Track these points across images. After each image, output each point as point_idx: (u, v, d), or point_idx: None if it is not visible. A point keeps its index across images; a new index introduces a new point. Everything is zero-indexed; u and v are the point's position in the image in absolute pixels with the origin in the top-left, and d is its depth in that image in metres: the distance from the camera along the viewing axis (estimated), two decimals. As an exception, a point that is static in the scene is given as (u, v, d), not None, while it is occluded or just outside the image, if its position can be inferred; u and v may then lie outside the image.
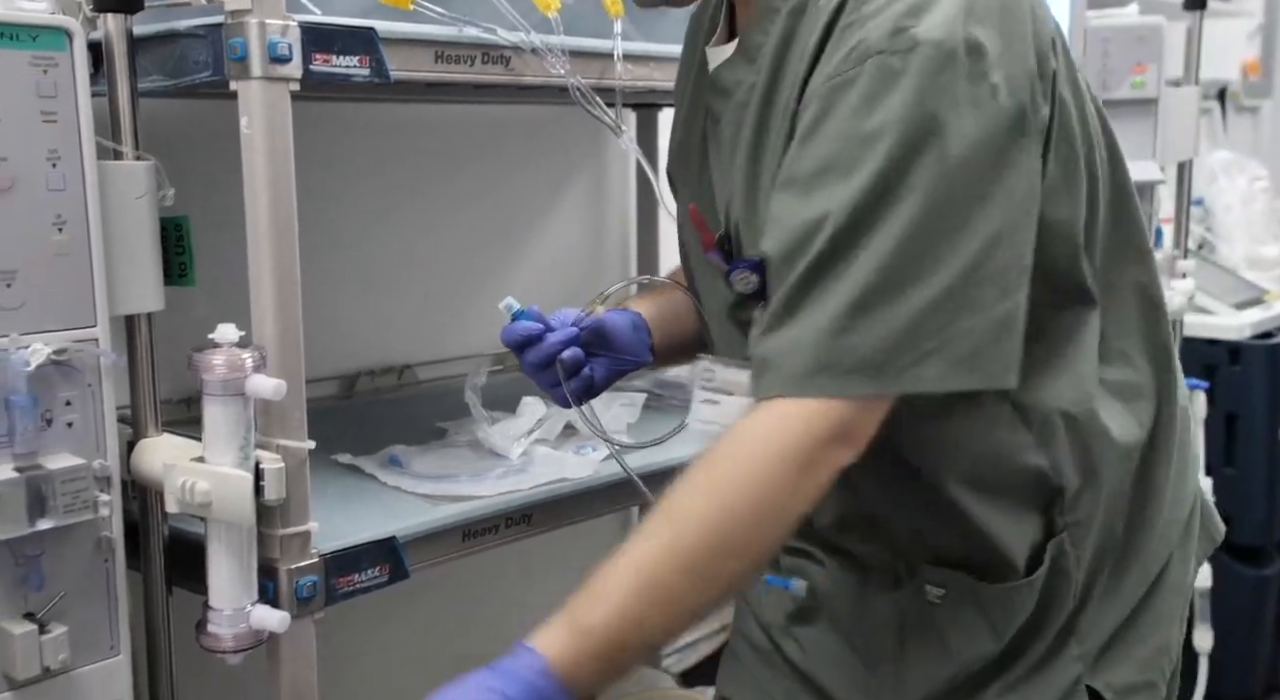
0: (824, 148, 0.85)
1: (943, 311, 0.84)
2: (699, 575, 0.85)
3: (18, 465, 0.98)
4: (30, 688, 1.02)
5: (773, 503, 0.86)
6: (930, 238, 0.83)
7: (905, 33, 0.83)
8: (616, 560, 0.86)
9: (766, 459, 0.86)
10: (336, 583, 1.15)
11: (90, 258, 1.04)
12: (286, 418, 1.09)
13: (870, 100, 0.84)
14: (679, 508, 0.87)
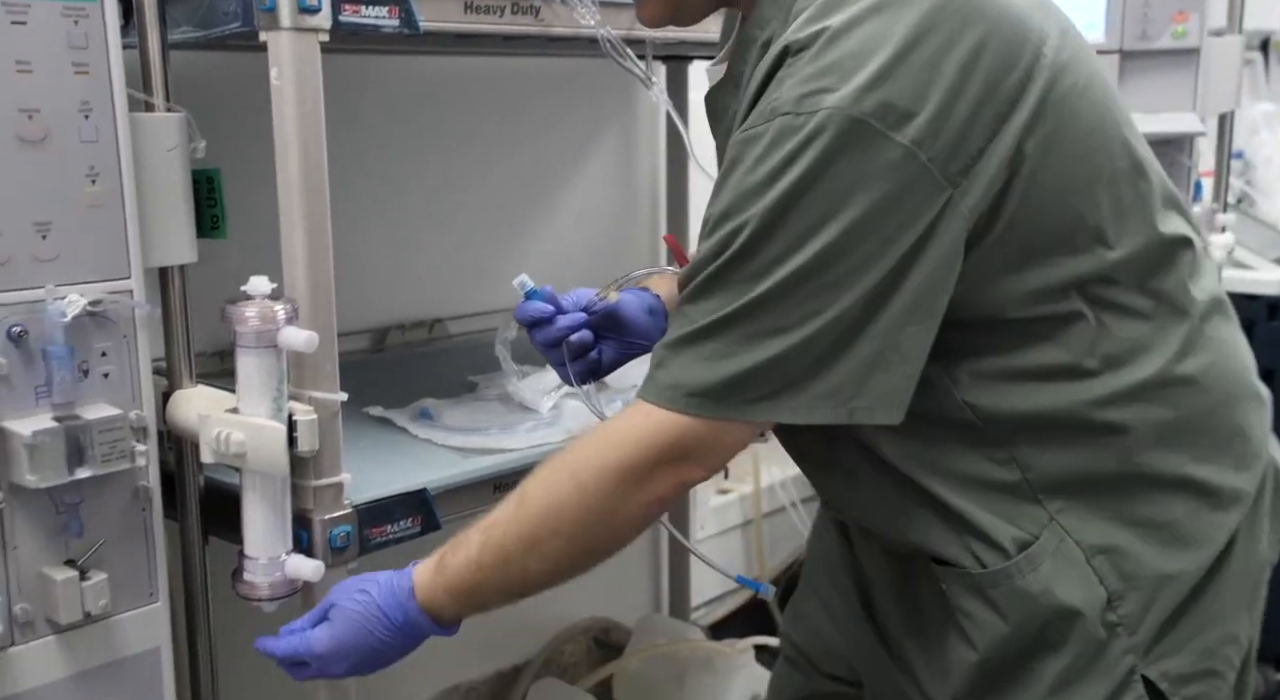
0: (726, 197, 0.89)
1: (802, 353, 0.87)
2: (530, 548, 0.96)
3: (56, 415, 1.00)
4: (73, 632, 1.04)
5: (603, 506, 0.94)
6: (806, 288, 0.86)
7: (813, 96, 0.85)
8: (485, 515, 0.99)
9: (604, 463, 0.93)
10: (369, 533, 1.16)
11: (124, 209, 1.04)
12: (319, 370, 1.10)
13: (765, 158, 0.86)
14: (534, 481, 0.97)
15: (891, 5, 0.86)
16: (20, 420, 0.98)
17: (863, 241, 0.85)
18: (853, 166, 0.84)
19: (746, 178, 0.87)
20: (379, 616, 1.00)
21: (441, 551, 1.01)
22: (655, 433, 0.91)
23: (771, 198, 0.85)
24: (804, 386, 0.88)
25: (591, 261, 2.26)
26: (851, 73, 0.84)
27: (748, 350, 0.88)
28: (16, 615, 1.01)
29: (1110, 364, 0.94)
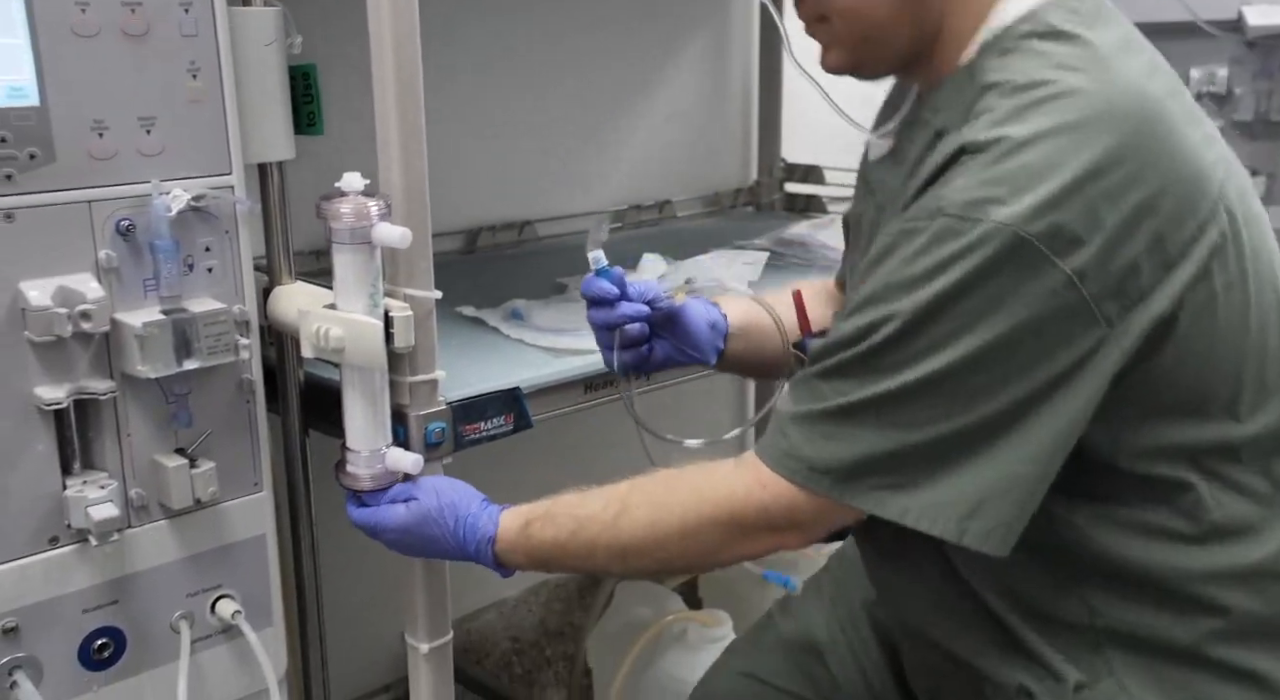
0: (877, 284, 0.89)
1: (926, 455, 0.88)
2: (619, 557, 1.01)
3: (164, 308, 1.02)
4: (183, 517, 1.09)
5: (701, 549, 0.98)
6: (941, 392, 0.86)
7: (982, 205, 0.83)
8: (584, 499, 1.03)
9: (716, 512, 0.96)
10: (463, 430, 1.18)
11: (223, 104, 1.05)
12: (414, 267, 1.11)
13: (922, 255, 0.85)
14: (638, 499, 1.00)
15: (1079, 128, 0.84)
16: (131, 312, 1.01)
17: (1006, 359, 0.85)
18: (1010, 283, 0.83)
19: (901, 270, 0.87)
20: (452, 541, 1.07)
21: (530, 517, 1.05)
22: (770, 500, 0.94)
23: (923, 296, 0.85)
24: (922, 490, 0.88)
25: (681, 165, 2.23)
26: (1025, 189, 0.82)
27: (875, 439, 0.89)
28: (132, 499, 1.05)
29: (1214, 538, 0.92)
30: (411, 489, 1.10)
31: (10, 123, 0.93)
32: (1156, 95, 0.88)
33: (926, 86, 1.00)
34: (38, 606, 1.01)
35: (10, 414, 0.97)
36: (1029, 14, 0.92)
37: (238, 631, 1.13)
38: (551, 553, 1.03)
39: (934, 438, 0.87)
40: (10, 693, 1.00)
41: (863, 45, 0.99)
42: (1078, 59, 0.88)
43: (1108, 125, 0.84)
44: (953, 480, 0.87)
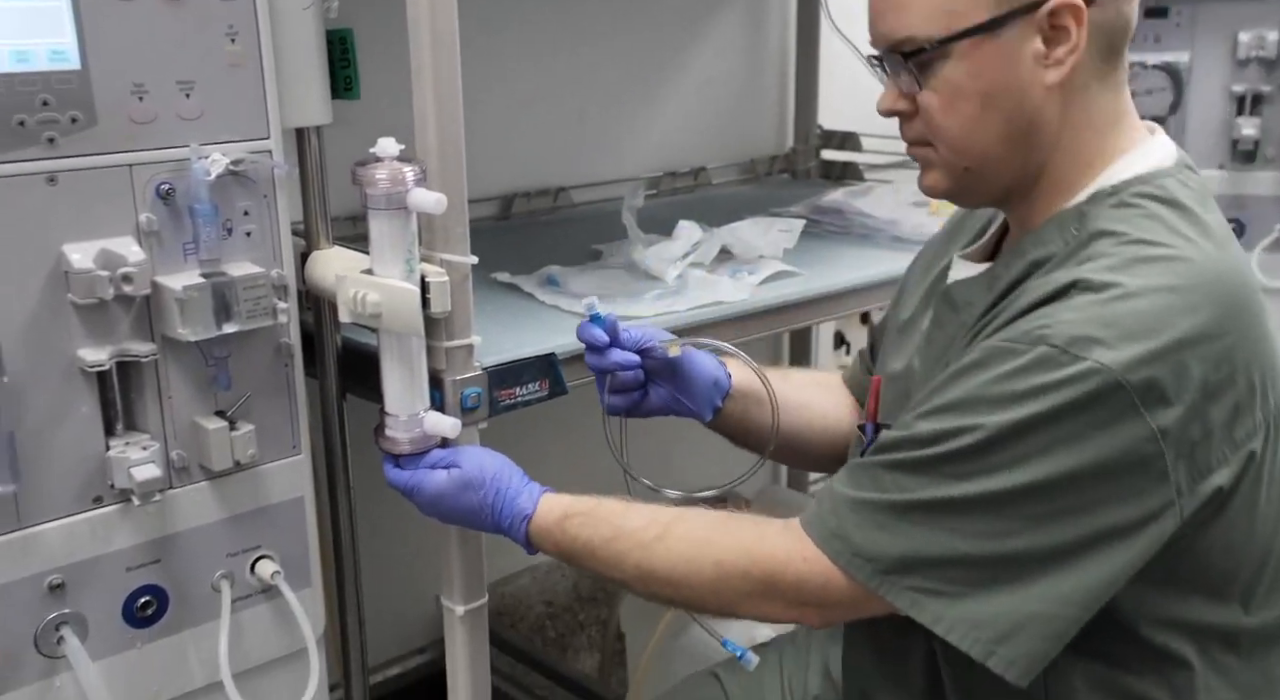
0: (961, 392, 0.90)
1: (971, 568, 0.88)
2: (644, 579, 1.02)
3: (203, 271, 1.03)
4: (223, 479, 1.10)
5: (726, 597, 0.99)
6: (1002, 511, 0.87)
7: (1087, 343, 0.85)
8: (628, 511, 1.04)
9: (753, 568, 0.97)
10: (499, 395, 1.19)
11: (262, 68, 1.05)
12: (450, 233, 1.11)
13: (1016, 377, 0.86)
14: (681, 531, 1.01)
15: (1188, 293, 0.87)
16: (171, 276, 1.02)
17: (1077, 494, 0.86)
18: (1099, 423, 0.84)
19: (992, 386, 0.88)
20: (488, 512, 1.08)
21: (571, 511, 1.06)
22: (808, 573, 0.94)
23: (1010, 417, 0.86)
24: (961, 603, 0.88)
25: (717, 131, 2.22)
26: (1131, 338, 0.84)
27: (926, 541, 0.89)
28: (173, 460, 1.07)
29: None
30: (454, 456, 1.10)
31: (52, 86, 0.94)
32: (1253, 283, 0.92)
33: (1021, 220, 1.02)
34: (83, 564, 1.03)
35: (55, 375, 0.98)
36: (1146, 176, 0.96)
37: (277, 592, 1.14)
38: (581, 552, 1.04)
39: (987, 554, 0.88)
40: (57, 648, 1.02)
41: (965, 176, 0.99)
42: (1189, 230, 0.92)
43: (1213, 297, 0.87)
44: (995, 600, 0.88)
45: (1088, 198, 0.96)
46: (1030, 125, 0.95)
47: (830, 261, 1.63)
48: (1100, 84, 0.96)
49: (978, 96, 0.94)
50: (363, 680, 1.36)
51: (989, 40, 0.93)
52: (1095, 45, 0.94)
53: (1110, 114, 0.98)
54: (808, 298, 1.49)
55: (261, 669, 1.16)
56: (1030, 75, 0.94)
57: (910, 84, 0.97)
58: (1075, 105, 0.96)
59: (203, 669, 1.12)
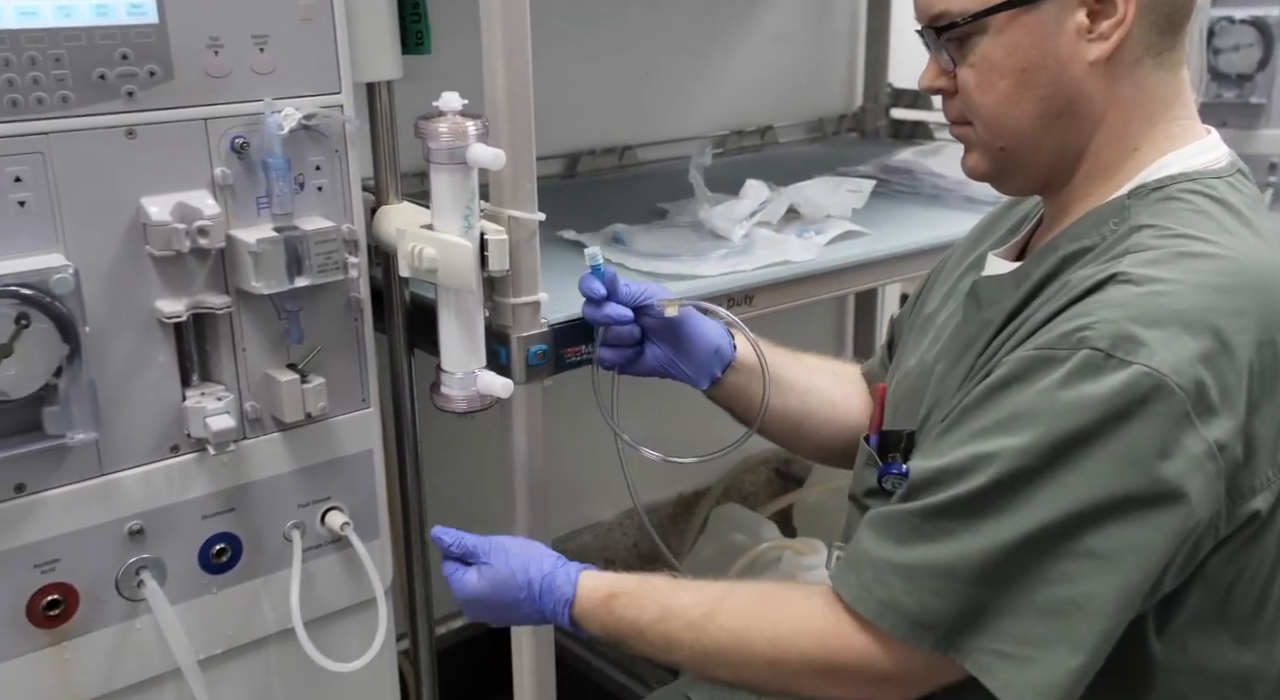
0: (998, 411, 0.83)
1: (1039, 626, 0.81)
2: (700, 661, 0.95)
3: (276, 225, 1.04)
4: (295, 431, 1.12)
5: (787, 679, 0.91)
6: (1056, 554, 0.81)
7: (1132, 344, 0.79)
8: (675, 589, 0.98)
9: (810, 647, 0.90)
10: (564, 352, 1.19)
11: (334, 23, 1.05)
12: (518, 189, 1.11)
13: (1062, 387, 0.80)
14: (733, 606, 0.95)
15: (1234, 295, 0.82)
16: (245, 229, 1.03)
17: (1134, 518, 0.79)
18: (1151, 437, 0.78)
19: (1033, 401, 0.81)
20: (529, 606, 1.01)
21: (615, 591, 0.99)
22: (867, 651, 0.87)
23: (1055, 433, 0.80)
24: (1028, 667, 0.81)
25: (785, 89, 2.19)
26: (1176, 338, 0.79)
27: (984, 595, 0.82)
28: (247, 412, 1.09)
29: None
30: (477, 551, 1.04)
31: (131, 40, 0.95)
32: None
33: (1060, 209, 0.97)
34: (161, 511, 1.05)
35: (134, 326, 1.01)
36: (1195, 173, 0.90)
37: (346, 542, 1.16)
38: (629, 633, 0.98)
39: (1053, 602, 0.81)
40: (137, 591, 1.05)
41: (1001, 156, 0.95)
42: (1238, 229, 0.87)
43: (1261, 302, 0.82)
44: (1062, 661, 0.81)
45: (1130, 191, 0.91)
46: (1069, 103, 0.91)
47: (899, 222, 1.61)
48: (1154, 62, 0.91)
49: (1014, 73, 0.90)
50: (428, 631, 1.39)
51: (1027, 14, 0.89)
52: (1149, 19, 0.89)
53: (1163, 97, 0.92)
54: (875, 258, 1.47)
55: (330, 617, 1.19)
56: (1071, 50, 0.89)
57: (948, 61, 0.94)
58: (1123, 83, 0.90)
59: (275, 615, 1.14)
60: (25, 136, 0.92)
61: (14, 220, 0.93)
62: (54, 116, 0.93)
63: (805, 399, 1.21)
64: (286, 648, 1.15)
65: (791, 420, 1.21)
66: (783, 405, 1.20)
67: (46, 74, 0.92)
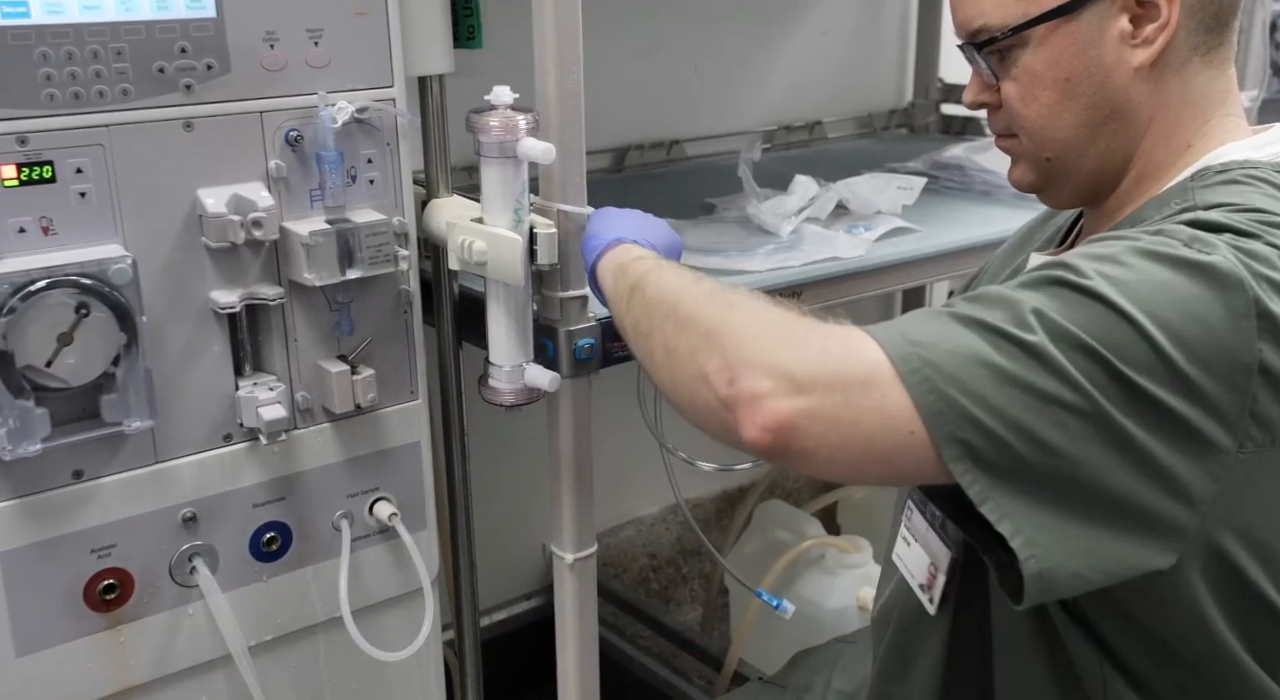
0: (1061, 258, 0.78)
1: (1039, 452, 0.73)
2: (660, 286, 0.89)
3: (329, 218, 1.05)
4: (344, 421, 1.13)
5: (720, 328, 0.80)
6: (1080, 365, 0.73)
7: (1210, 244, 0.75)
8: (680, 275, 0.91)
9: (769, 336, 0.78)
10: (612, 346, 1.19)
11: (387, 17, 1.06)
12: (568, 183, 1.11)
13: (1132, 241, 0.76)
14: (725, 295, 0.85)
15: None
16: (298, 221, 1.04)
17: (1168, 368, 0.73)
18: (1213, 308, 0.74)
19: (1102, 245, 0.77)
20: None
21: (630, 258, 0.97)
22: (832, 342, 0.77)
23: (1125, 253, 0.75)
24: (1012, 480, 0.73)
25: (834, 84, 2.17)
26: (1252, 264, 0.75)
27: (1006, 391, 0.73)
28: (298, 402, 1.10)
29: None
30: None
31: (189, 34, 0.96)
32: None
33: (1110, 214, 0.94)
34: (214, 499, 1.07)
35: (189, 316, 1.02)
36: (1260, 161, 0.87)
37: (394, 533, 1.17)
38: (638, 271, 0.93)
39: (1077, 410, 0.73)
40: (190, 577, 1.07)
41: (1047, 167, 0.94)
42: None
43: None
44: (1054, 502, 0.74)
45: (1192, 174, 0.88)
46: (1114, 111, 0.89)
47: (949, 218, 1.59)
48: (1202, 61, 0.89)
49: (1057, 84, 0.89)
50: (473, 622, 1.39)
51: (1067, 24, 0.87)
52: (1195, 19, 0.88)
53: (1213, 93, 0.90)
54: (925, 255, 1.46)
55: (377, 607, 1.20)
56: (1115, 57, 0.88)
57: (990, 75, 0.92)
58: (1170, 85, 0.89)
59: (323, 604, 1.16)
60: (87, 129, 0.94)
61: (75, 211, 0.95)
62: (115, 109, 0.95)
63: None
64: (334, 636, 1.16)
65: None
66: None
67: (108, 67, 0.93)
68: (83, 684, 1.04)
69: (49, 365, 0.93)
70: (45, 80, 0.91)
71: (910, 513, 1.03)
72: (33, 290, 0.91)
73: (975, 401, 0.72)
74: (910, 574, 1.02)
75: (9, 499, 0.97)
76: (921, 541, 1.00)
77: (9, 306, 0.90)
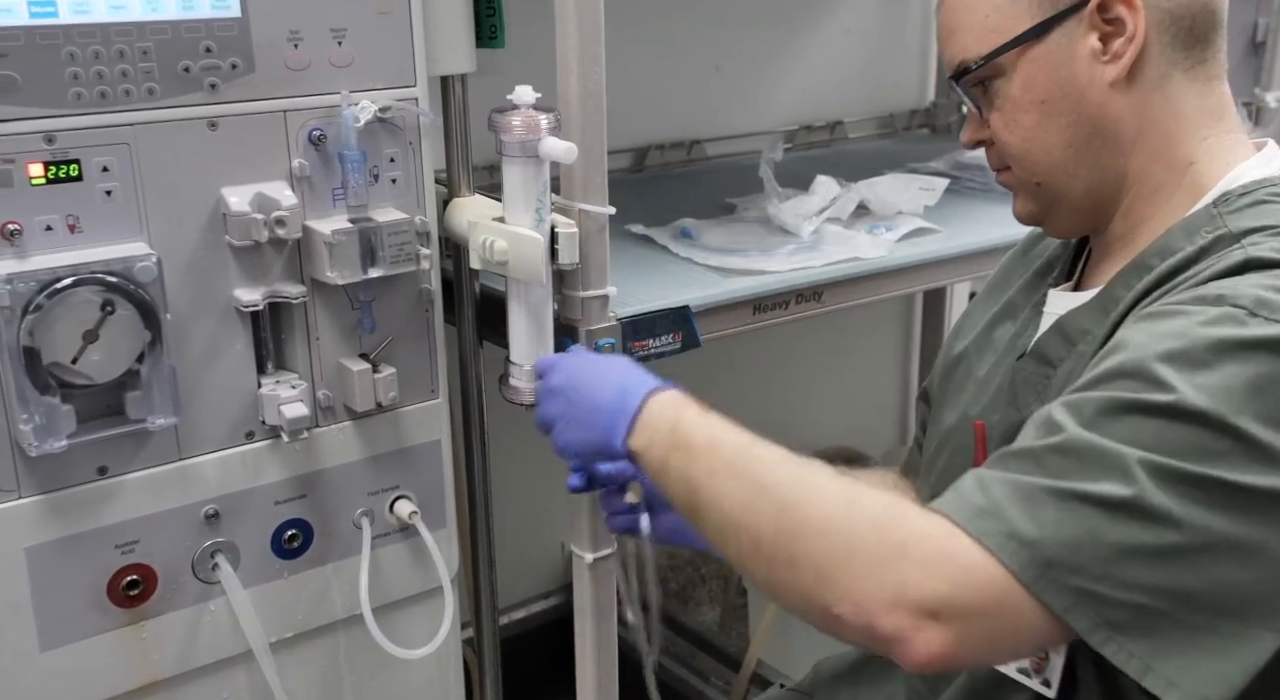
0: (1131, 353, 0.75)
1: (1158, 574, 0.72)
2: (752, 492, 0.80)
3: (351, 216, 1.06)
4: (366, 419, 1.13)
5: (839, 549, 0.75)
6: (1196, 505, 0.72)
7: (1276, 308, 0.74)
8: (749, 446, 0.84)
9: (885, 520, 0.75)
10: (632, 346, 1.19)
11: (410, 17, 1.06)
12: (589, 182, 1.11)
13: (1202, 328, 0.74)
14: (821, 467, 0.81)
15: None
16: (321, 220, 1.05)
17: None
18: None
19: (1171, 341, 0.74)
20: (612, 382, 0.93)
21: (685, 416, 0.89)
22: (950, 547, 0.73)
23: (1204, 379, 0.72)
24: (1156, 634, 0.72)
25: (855, 84, 2.17)
26: None
27: (1103, 531, 0.71)
28: (320, 400, 1.10)
29: None
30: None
31: (214, 33, 0.97)
32: None
33: (1122, 238, 0.93)
34: (236, 496, 1.08)
35: (213, 314, 1.03)
36: (1275, 179, 0.87)
37: (414, 531, 1.18)
38: (696, 441, 0.86)
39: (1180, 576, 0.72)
40: (212, 573, 1.07)
41: (1040, 191, 0.94)
42: None
43: None
44: (1200, 637, 0.72)
45: (1213, 201, 0.87)
46: (1096, 127, 0.89)
47: (971, 219, 1.58)
48: (1185, 76, 0.89)
49: (1035, 106, 0.90)
50: (492, 621, 1.40)
51: (1036, 47, 0.89)
52: (1168, 33, 0.88)
53: (1205, 108, 0.90)
54: (947, 256, 1.45)
55: (397, 605, 1.20)
56: (1088, 75, 0.88)
57: (976, 110, 0.94)
58: (1153, 100, 0.89)
59: (343, 601, 1.16)
60: (113, 128, 0.94)
61: (101, 209, 0.95)
62: (140, 108, 0.95)
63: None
64: (354, 633, 1.17)
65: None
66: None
67: (134, 67, 0.94)
68: (106, 679, 1.04)
69: (74, 362, 0.94)
70: (72, 79, 0.92)
71: None
72: (59, 288, 0.92)
73: (1111, 585, 0.71)
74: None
75: (35, 494, 0.98)
76: None
77: (36, 304, 0.91)
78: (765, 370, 2.12)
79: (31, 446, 0.94)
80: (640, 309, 1.20)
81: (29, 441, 0.94)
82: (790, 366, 2.16)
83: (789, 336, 2.06)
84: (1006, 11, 0.89)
